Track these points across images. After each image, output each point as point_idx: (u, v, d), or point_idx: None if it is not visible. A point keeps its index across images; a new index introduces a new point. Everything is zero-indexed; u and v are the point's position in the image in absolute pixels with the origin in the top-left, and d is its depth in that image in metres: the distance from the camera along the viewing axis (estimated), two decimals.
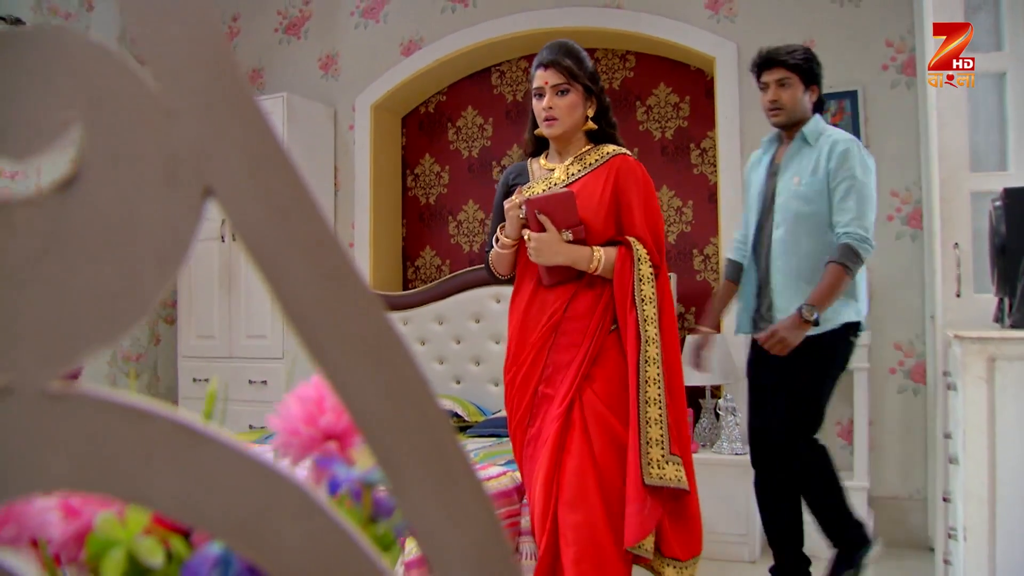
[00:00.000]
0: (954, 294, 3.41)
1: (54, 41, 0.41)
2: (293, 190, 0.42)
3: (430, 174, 5.79)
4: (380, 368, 0.43)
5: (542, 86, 2.77)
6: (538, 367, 2.71)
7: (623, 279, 2.66)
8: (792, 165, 3.32)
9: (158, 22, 0.41)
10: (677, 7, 4.86)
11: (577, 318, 2.69)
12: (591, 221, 2.71)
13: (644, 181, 2.78)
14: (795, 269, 3.26)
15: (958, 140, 3.43)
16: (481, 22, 5.25)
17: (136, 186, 0.41)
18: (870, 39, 4.51)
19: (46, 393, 0.40)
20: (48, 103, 0.40)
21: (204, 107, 0.41)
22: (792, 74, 3.29)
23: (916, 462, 4.38)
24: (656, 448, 2.55)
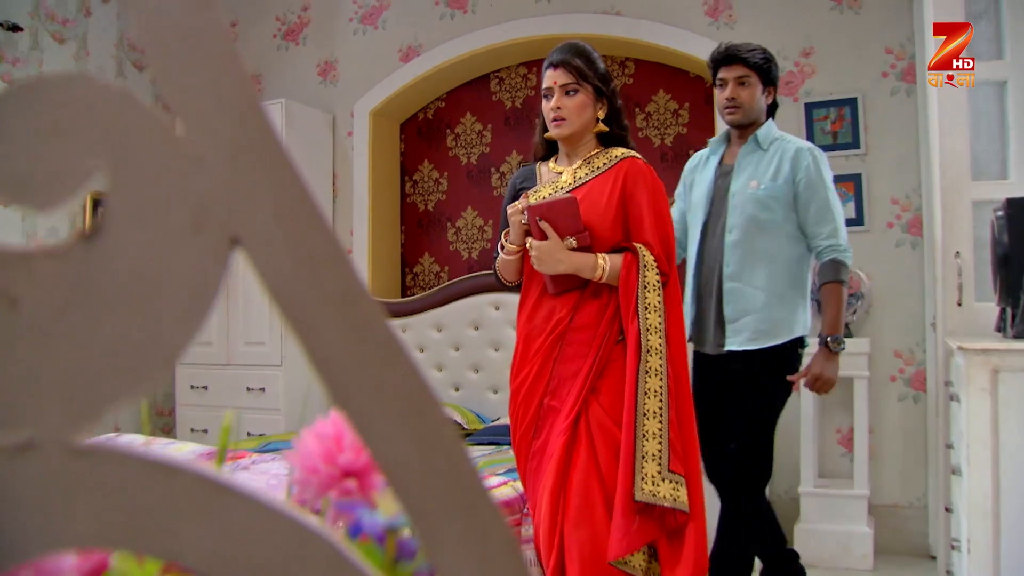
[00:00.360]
0: (955, 303, 3.42)
1: (77, 88, 0.40)
2: (321, 239, 0.41)
3: (429, 180, 5.78)
4: (409, 419, 0.42)
5: (551, 86, 2.69)
6: (543, 378, 2.63)
7: (627, 287, 2.57)
8: (747, 168, 3.20)
9: (183, 67, 0.40)
10: (676, 14, 4.86)
11: (583, 328, 2.61)
12: (597, 227, 2.63)
13: (653, 185, 2.68)
14: (748, 275, 3.14)
15: (959, 149, 3.43)
16: (480, 29, 5.25)
17: (162, 236, 0.40)
18: (870, 46, 4.51)
19: (70, 448, 0.40)
20: (71, 151, 0.40)
21: (231, 154, 0.40)
22: (752, 72, 3.19)
23: (916, 470, 4.38)
24: (652, 463, 2.42)
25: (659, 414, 2.48)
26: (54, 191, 0.39)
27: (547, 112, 2.71)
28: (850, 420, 4.40)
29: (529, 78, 5.52)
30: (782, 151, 3.17)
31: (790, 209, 3.13)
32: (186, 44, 0.40)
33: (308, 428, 0.62)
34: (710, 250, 3.23)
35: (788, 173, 3.13)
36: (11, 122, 0.39)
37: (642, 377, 2.50)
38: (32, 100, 0.39)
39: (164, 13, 0.40)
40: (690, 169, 3.47)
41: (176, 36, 0.40)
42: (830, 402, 4.48)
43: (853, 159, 4.52)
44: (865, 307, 4.45)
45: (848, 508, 4.18)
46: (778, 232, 3.14)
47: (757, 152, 3.21)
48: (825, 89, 4.59)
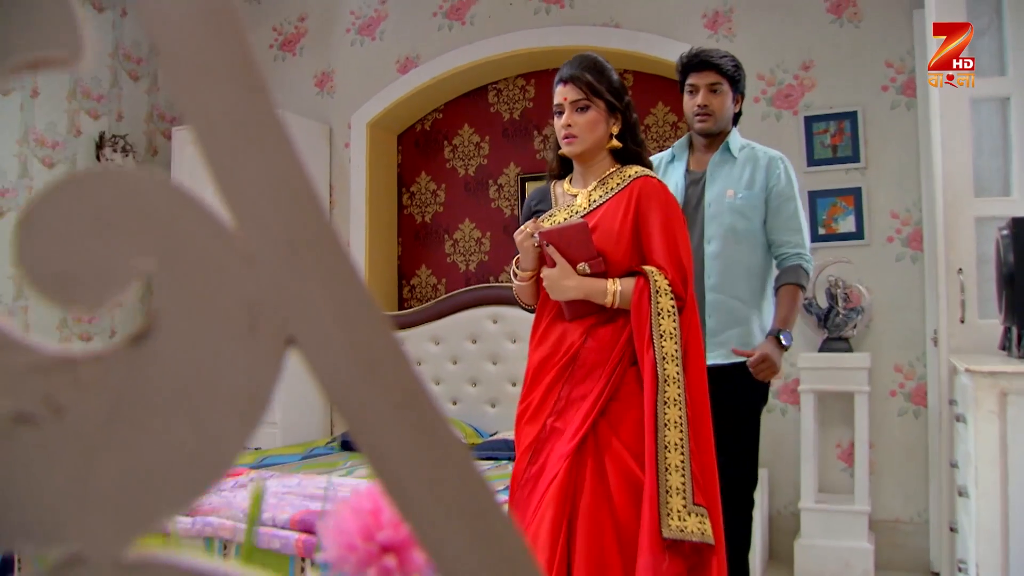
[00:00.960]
0: (958, 320, 3.41)
1: (124, 182, 0.38)
2: (382, 340, 0.39)
3: (426, 192, 5.77)
4: (470, 520, 0.40)
5: (561, 103, 2.60)
6: (551, 400, 2.52)
7: (639, 314, 2.46)
8: (719, 177, 3.14)
9: (235, 157, 0.38)
10: (675, 26, 4.85)
11: (596, 351, 2.51)
12: (611, 251, 2.53)
13: (667, 205, 2.57)
14: (731, 287, 3.09)
15: (962, 165, 3.42)
16: (478, 40, 5.24)
17: (214, 337, 0.38)
18: (870, 60, 4.51)
19: (119, 563, 0.38)
20: (118, 249, 0.38)
21: (286, 250, 0.38)
22: (724, 80, 3.13)
23: (917, 485, 4.36)
24: (677, 497, 2.31)
25: (680, 446, 2.37)
26: (100, 290, 0.38)
27: (558, 129, 2.62)
28: (850, 435, 4.39)
29: (527, 90, 5.51)
30: (754, 159, 3.14)
31: (765, 218, 3.13)
32: (239, 132, 0.38)
33: (344, 503, 0.60)
34: None
35: (763, 181, 3.11)
36: (54, 218, 0.37)
37: (660, 408, 2.38)
38: (76, 194, 0.38)
39: (215, 99, 0.38)
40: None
41: (228, 123, 0.38)
42: (829, 416, 4.47)
43: (853, 173, 4.52)
44: (865, 321, 4.44)
45: (849, 524, 4.16)
46: (755, 242, 3.12)
47: (728, 161, 3.16)
48: (825, 102, 4.59)
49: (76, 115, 5.54)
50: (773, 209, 3.10)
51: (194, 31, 0.38)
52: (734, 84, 3.16)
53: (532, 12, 5.16)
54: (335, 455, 4.73)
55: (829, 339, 4.43)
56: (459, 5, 5.33)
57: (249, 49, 0.38)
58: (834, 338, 4.42)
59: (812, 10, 4.60)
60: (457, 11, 5.34)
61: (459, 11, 5.33)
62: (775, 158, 3.15)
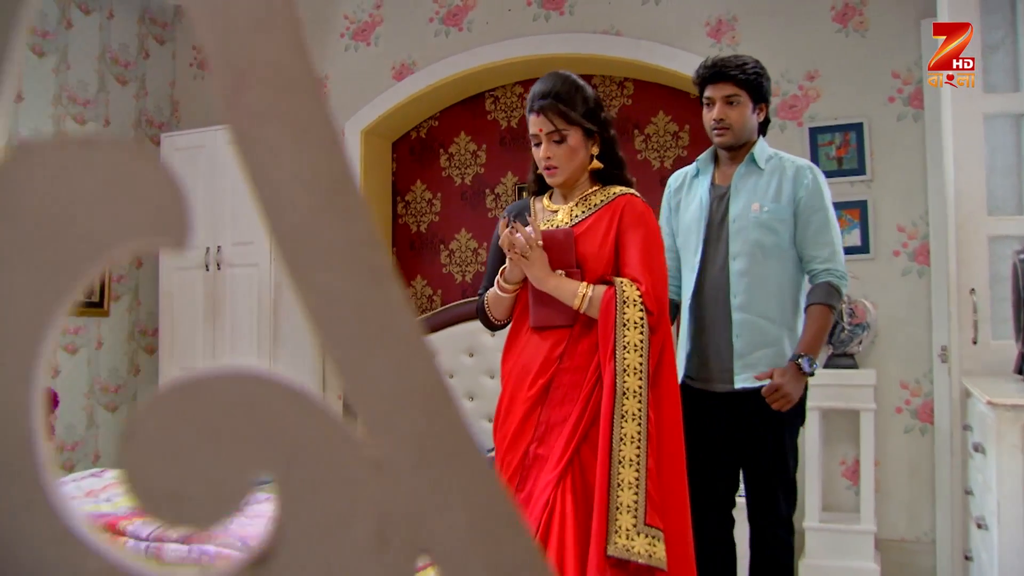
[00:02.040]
0: (970, 340, 3.39)
1: (242, 387, 0.35)
2: (520, 550, 0.36)
3: (421, 201, 5.73)
4: None
5: (537, 134, 2.58)
6: (530, 425, 2.49)
7: (607, 323, 2.43)
8: (744, 190, 3.04)
9: (363, 357, 0.35)
10: (678, 35, 4.82)
11: (573, 370, 2.48)
12: (591, 266, 2.53)
13: (647, 224, 2.57)
14: (759, 306, 2.98)
15: (975, 183, 3.41)
16: (475, 47, 5.20)
17: (341, 553, 0.35)
18: (876, 70, 4.49)
19: None
20: (235, 460, 0.35)
21: (417, 457, 0.35)
22: (742, 91, 3.01)
23: (924, 504, 4.35)
24: (626, 515, 2.29)
25: (635, 462, 2.34)
26: (214, 508, 0.35)
27: (538, 160, 2.62)
28: (854, 451, 4.38)
29: (525, 97, 5.43)
30: (781, 170, 3.03)
31: (794, 231, 3.01)
32: (364, 327, 0.35)
33: None
34: (711, 279, 3.06)
35: (790, 193, 2.99)
36: (160, 430, 0.34)
37: (617, 422, 2.36)
38: (184, 403, 0.34)
39: (337, 296, 0.35)
40: (673, 190, 3.28)
41: (352, 316, 0.35)
42: (834, 433, 4.46)
43: (859, 185, 4.50)
44: (871, 337, 4.43)
45: (855, 543, 4.15)
46: (784, 257, 3.00)
47: (754, 173, 3.06)
48: (830, 113, 4.57)
49: (62, 120, 5.48)
50: (802, 222, 2.98)
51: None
52: (754, 93, 3.03)
53: (531, 19, 5.13)
54: None
55: (834, 355, 4.41)
56: (456, 11, 5.29)
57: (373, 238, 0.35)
58: (839, 354, 4.40)
59: (818, 19, 4.59)
60: (454, 17, 5.30)
61: (456, 17, 5.30)
62: (803, 168, 3.03)
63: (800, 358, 2.87)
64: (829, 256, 2.96)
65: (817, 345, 2.91)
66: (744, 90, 3.01)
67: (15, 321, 0.34)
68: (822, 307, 2.91)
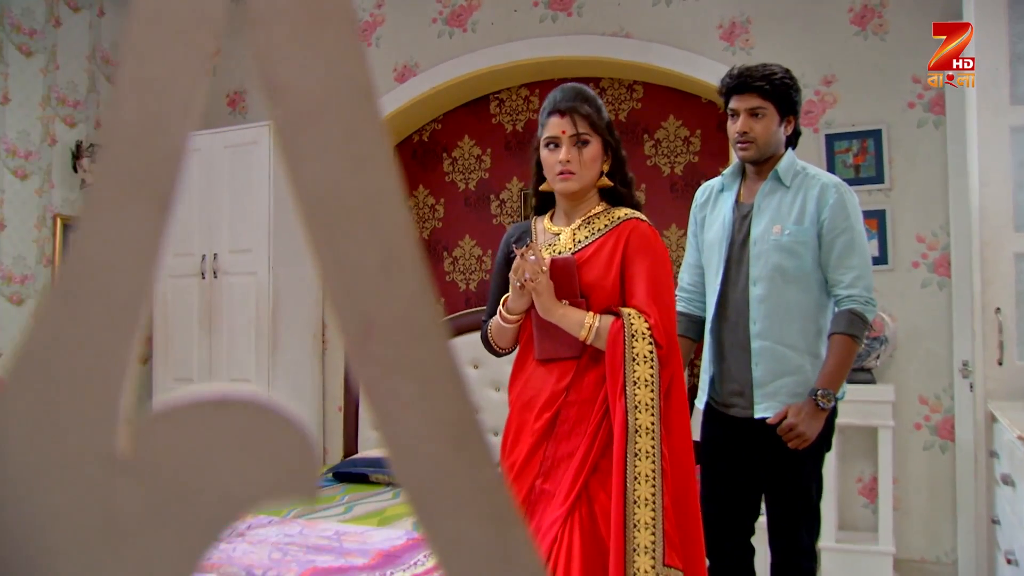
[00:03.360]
0: (995, 361, 3.40)
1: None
2: None
3: (424, 207, 5.73)
4: None
5: (557, 135, 2.53)
6: (536, 459, 2.48)
7: (615, 358, 2.41)
8: (768, 210, 2.98)
9: None
10: (689, 37, 4.82)
11: (581, 403, 2.45)
12: (595, 294, 2.49)
13: (655, 251, 2.53)
14: (780, 333, 2.93)
15: (1001, 198, 3.42)
16: (480, 49, 5.20)
17: None
18: (896, 74, 4.49)
19: None
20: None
21: None
22: (768, 103, 2.94)
23: (944, 524, 4.36)
24: (644, 557, 2.28)
25: (651, 501, 2.33)
26: None
27: (551, 164, 2.55)
28: (871, 469, 4.39)
29: (531, 100, 5.48)
30: (806, 188, 2.96)
31: (819, 254, 2.94)
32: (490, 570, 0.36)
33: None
34: (732, 303, 3.02)
35: (813, 213, 2.92)
36: None
37: (631, 460, 2.34)
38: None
39: (464, 530, 0.36)
40: (700, 205, 3.25)
41: (480, 563, 0.36)
42: (850, 450, 4.47)
43: (876, 194, 4.50)
44: (889, 351, 4.43)
45: (872, 564, 4.16)
46: (807, 281, 2.94)
47: (779, 191, 2.99)
48: (847, 120, 4.57)
49: (51, 123, 5.47)
50: (826, 244, 2.92)
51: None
52: (782, 105, 2.97)
53: (537, 20, 5.12)
54: (329, 488, 4.70)
55: (852, 370, 4.41)
56: (460, 11, 5.29)
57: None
58: (856, 369, 4.40)
59: (835, 21, 4.58)
60: (458, 17, 5.30)
61: (460, 17, 5.29)
62: (827, 186, 2.94)
63: (818, 393, 2.82)
64: (853, 281, 2.89)
65: (838, 379, 2.85)
66: (770, 102, 2.95)
67: None
68: (844, 337, 2.85)
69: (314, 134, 0.38)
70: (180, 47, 0.37)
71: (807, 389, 2.88)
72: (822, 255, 2.94)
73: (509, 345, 2.68)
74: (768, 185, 3.00)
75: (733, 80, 2.99)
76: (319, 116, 0.39)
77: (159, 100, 0.37)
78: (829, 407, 2.82)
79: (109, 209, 0.37)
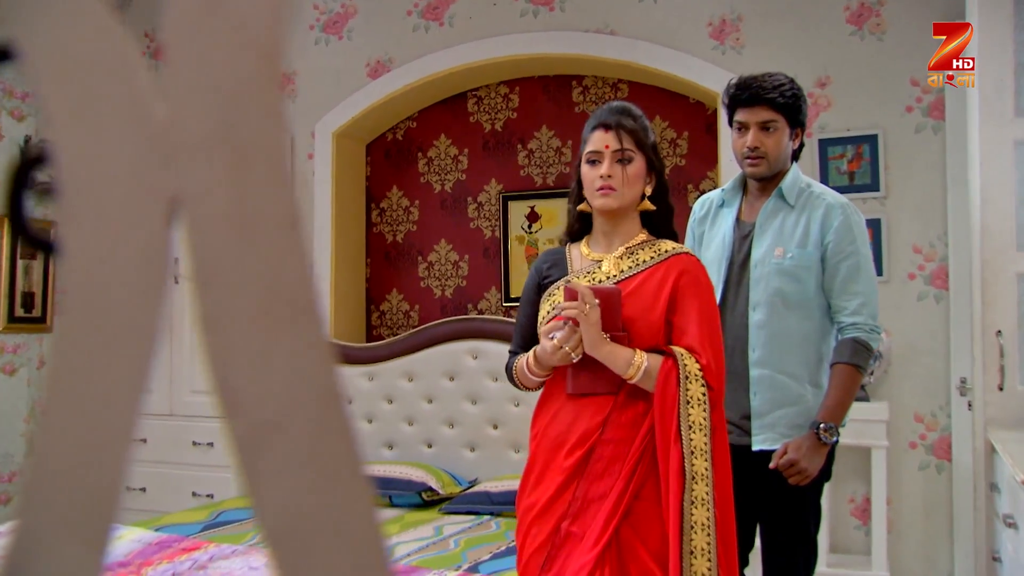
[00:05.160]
0: (996, 387, 3.36)
1: None
2: None
3: (398, 209, 5.66)
4: None
5: (600, 150, 2.47)
6: (564, 499, 2.39)
7: (664, 400, 2.35)
8: (771, 231, 2.92)
9: None
10: (677, 35, 4.75)
11: (616, 442, 2.38)
12: (638, 330, 2.42)
13: (708, 290, 2.49)
14: (779, 362, 2.87)
15: (1003, 216, 3.38)
16: (457, 44, 5.12)
17: None
18: (893, 77, 4.44)
19: None
20: None
21: None
22: (779, 115, 2.87)
23: (941, 547, 4.34)
24: None
25: (707, 551, 2.28)
26: None
27: (591, 179, 2.48)
28: (864, 489, 4.36)
29: (511, 98, 5.40)
30: (810, 209, 2.90)
31: (822, 278, 2.88)
32: None
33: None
34: (730, 328, 2.94)
35: (817, 236, 2.86)
36: None
37: (687, 509, 2.28)
38: None
39: None
40: (699, 220, 3.18)
41: None
42: (842, 469, 4.42)
43: (871, 203, 4.46)
44: (883, 367, 4.39)
45: None
46: (810, 307, 2.88)
47: (782, 210, 2.93)
48: (842, 124, 4.51)
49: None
50: (830, 269, 2.86)
51: None
52: (791, 118, 2.91)
53: (518, 14, 5.05)
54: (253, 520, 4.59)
55: None
56: (437, 4, 5.21)
57: None
58: None
59: (830, 20, 4.53)
60: (435, 10, 5.21)
61: (437, 10, 5.21)
62: (833, 207, 2.88)
63: (820, 426, 2.76)
64: (858, 308, 2.83)
65: (840, 411, 2.81)
66: (782, 114, 2.88)
67: None
68: (847, 367, 2.80)
69: (277, 451, 0.32)
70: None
71: (808, 420, 2.83)
72: (825, 279, 2.88)
73: (535, 387, 2.61)
74: (771, 204, 2.94)
75: (741, 91, 2.91)
76: (282, 428, 0.32)
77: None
78: (831, 442, 2.77)
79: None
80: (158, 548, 3.61)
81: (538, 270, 2.66)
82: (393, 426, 5.14)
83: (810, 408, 2.85)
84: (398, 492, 4.59)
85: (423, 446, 5.09)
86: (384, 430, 5.14)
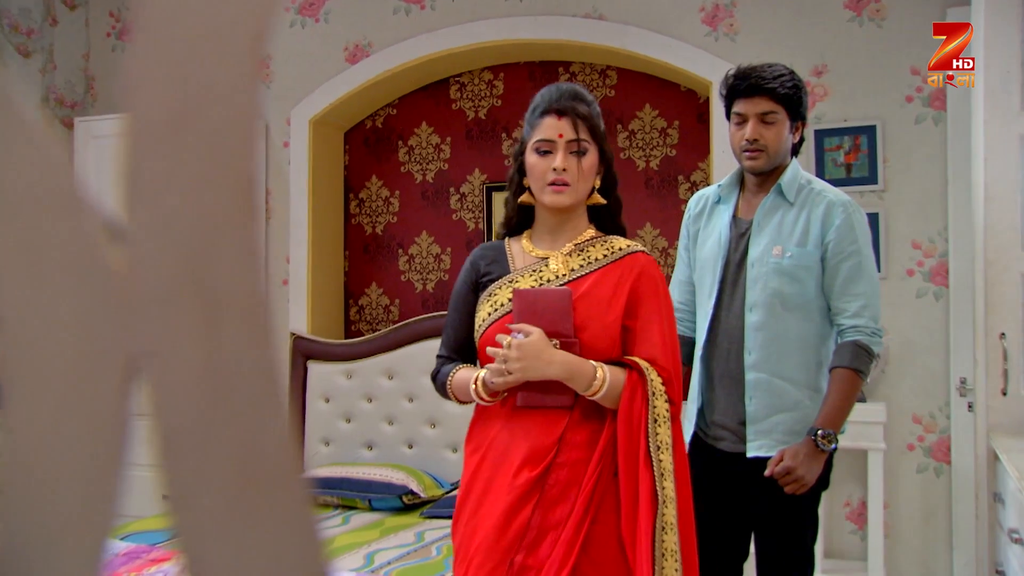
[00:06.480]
0: (999, 391, 3.34)
1: None
2: None
3: (377, 199, 5.60)
4: None
5: (553, 139, 2.29)
6: (515, 529, 2.19)
7: (631, 419, 2.21)
8: (769, 228, 2.87)
9: None
10: (669, 21, 4.70)
11: (572, 464, 2.23)
12: (591, 335, 2.27)
13: (666, 295, 2.38)
14: (776, 365, 2.82)
15: (1007, 214, 3.35)
16: (440, 28, 5.06)
17: None
18: (893, 65, 4.40)
19: None
20: None
21: None
22: (780, 107, 2.82)
23: (940, 552, 4.33)
24: None
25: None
26: None
27: (541, 172, 2.32)
28: (860, 492, 4.35)
29: (495, 85, 5.34)
30: (811, 206, 2.85)
31: (822, 279, 2.84)
32: None
33: None
34: (725, 329, 2.90)
35: (817, 235, 2.82)
36: None
37: (658, 536, 2.17)
38: None
39: None
40: (694, 217, 3.12)
41: None
42: (838, 472, 4.35)
43: (869, 196, 4.42)
44: (880, 366, 4.36)
45: None
46: (809, 309, 2.83)
47: (781, 207, 2.88)
48: (839, 114, 4.48)
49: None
50: (830, 269, 2.82)
51: None
52: (792, 110, 2.86)
53: None
54: None
55: None
56: None
57: None
58: None
59: (828, 6, 4.49)
60: None
61: None
62: (834, 204, 2.83)
63: (818, 433, 2.71)
64: (859, 310, 2.79)
65: (839, 417, 2.75)
66: (782, 106, 2.83)
67: None
68: (847, 371, 2.75)
69: None
70: None
71: (805, 427, 2.78)
72: (826, 280, 2.84)
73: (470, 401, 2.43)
74: (770, 200, 2.89)
75: (740, 82, 2.86)
76: None
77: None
78: (830, 449, 2.72)
79: None
80: (126, 559, 3.56)
81: (474, 267, 2.48)
82: (373, 426, 5.09)
83: (808, 414, 2.81)
84: (378, 496, 4.55)
85: (404, 447, 5.05)
86: (363, 430, 5.10)
